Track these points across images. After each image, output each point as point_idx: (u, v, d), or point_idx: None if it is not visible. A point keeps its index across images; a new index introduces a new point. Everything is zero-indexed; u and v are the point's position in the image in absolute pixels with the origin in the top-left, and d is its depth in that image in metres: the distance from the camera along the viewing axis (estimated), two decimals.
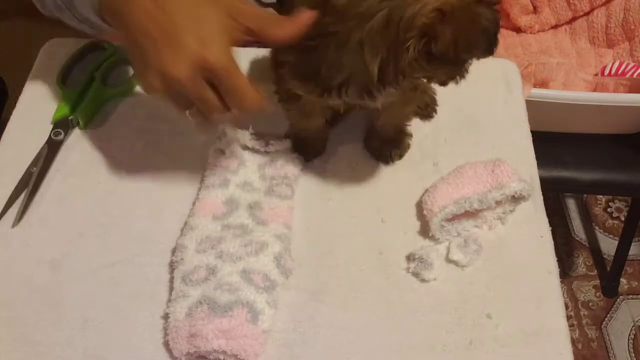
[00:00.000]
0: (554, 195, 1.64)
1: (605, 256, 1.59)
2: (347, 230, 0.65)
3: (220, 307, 0.55)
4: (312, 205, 0.67)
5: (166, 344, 0.56)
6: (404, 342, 0.57)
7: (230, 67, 0.52)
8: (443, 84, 0.56)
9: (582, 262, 1.59)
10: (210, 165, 0.67)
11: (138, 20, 0.51)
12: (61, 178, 0.68)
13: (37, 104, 0.75)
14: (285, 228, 0.63)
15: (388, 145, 0.70)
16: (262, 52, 0.76)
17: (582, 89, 1.15)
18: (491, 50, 0.51)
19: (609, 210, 1.67)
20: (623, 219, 1.63)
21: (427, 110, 0.74)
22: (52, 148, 0.70)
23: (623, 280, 1.55)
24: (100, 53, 0.78)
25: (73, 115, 0.72)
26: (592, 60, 1.29)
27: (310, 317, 0.59)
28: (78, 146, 0.71)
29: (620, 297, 1.53)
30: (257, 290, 0.57)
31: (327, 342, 0.57)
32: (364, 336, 0.58)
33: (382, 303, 0.60)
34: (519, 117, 0.75)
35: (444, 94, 0.76)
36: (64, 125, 0.72)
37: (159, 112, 0.73)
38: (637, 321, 1.49)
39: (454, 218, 0.63)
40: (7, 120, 0.73)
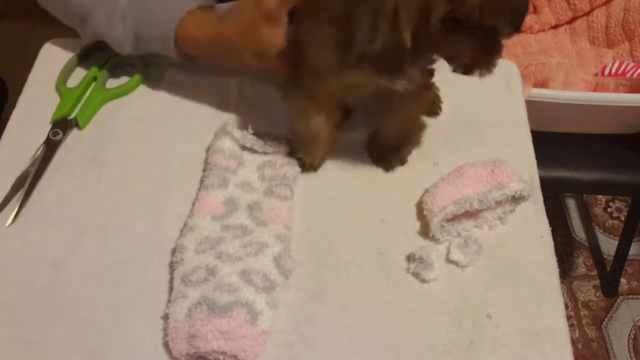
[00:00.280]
0: (554, 196, 1.64)
1: (605, 256, 1.59)
2: (347, 231, 0.65)
3: (219, 308, 0.54)
4: (312, 206, 0.67)
5: (166, 345, 0.56)
6: (404, 342, 0.57)
7: None
8: (468, 70, 0.54)
9: (582, 262, 1.59)
10: (209, 166, 0.67)
11: None
12: (61, 178, 0.68)
13: (37, 104, 0.75)
14: (284, 228, 0.63)
15: (389, 152, 0.70)
16: None
17: (582, 89, 1.15)
18: (517, 23, 0.50)
19: (609, 210, 1.67)
20: (623, 219, 1.62)
21: (432, 107, 0.74)
22: (50, 148, 0.70)
23: (623, 280, 1.55)
24: (101, 54, 0.77)
25: (72, 116, 0.73)
26: (592, 60, 1.28)
27: (310, 317, 0.59)
28: (78, 146, 0.71)
29: (620, 297, 1.53)
30: (256, 290, 0.57)
31: (327, 342, 0.57)
32: (363, 336, 0.58)
33: (382, 303, 0.60)
34: (519, 117, 0.75)
35: (444, 93, 0.76)
36: (62, 125, 0.72)
37: (159, 112, 0.73)
38: (637, 321, 1.49)
39: (454, 218, 0.63)
40: (7, 120, 0.73)
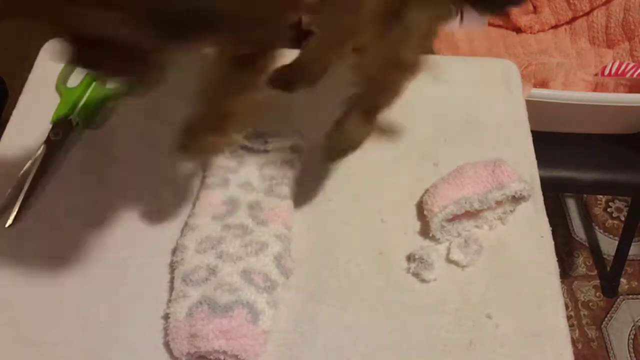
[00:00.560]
0: (554, 196, 1.64)
1: (605, 256, 1.59)
2: (347, 231, 0.65)
3: (220, 307, 0.54)
4: (312, 206, 0.67)
5: (166, 344, 0.56)
6: (404, 342, 0.57)
7: None
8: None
9: (582, 262, 1.59)
10: (209, 165, 0.67)
11: None
12: (61, 178, 0.68)
13: (37, 104, 0.75)
14: (284, 228, 0.62)
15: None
16: None
17: (582, 89, 1.15)
18: None
19: (609, 210, 1.67)
20: (623, 219, 1.63)
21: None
22: (50, 148, 0.70)
23: (623, 280, 1.55)
24: None
25: (73, 115, 0.73)
26: (592, 60, 1.29)
27: (310, 317, 0.59)
28: (78, 146, 0.71)
29: (620, 297, 1.53)
30: (257, 290, 0.56)
31: (327, 342, 0.57)
32: (364, 336, 0.58)
33: (382, 303, 0.60)
34: (519, 117, 0.75)
35: (444, 93, 0.76)
36: (63, 125, 0.72)
37: (159, 112, 0.73)
38: (637, 321, 1.49)
39: (454, 218, 0.63)
40: (7, 120, 0.73)
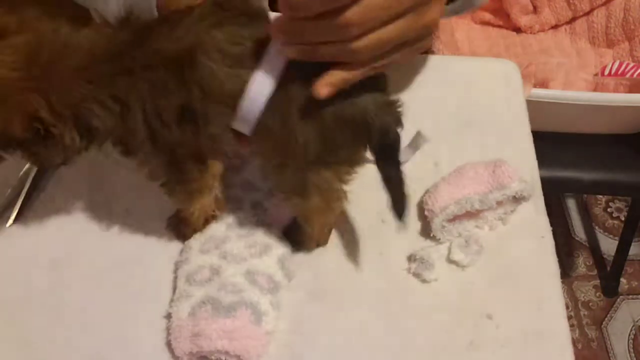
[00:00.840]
0: (554, 196, 1.65)
1: (605, 256, 1.59)
2: (347, 231, 0.65)
3: (224, 308, 0.54)
4: None
5: (168, 344, 0.56)
6: (404, 343, 0.57)
7: None
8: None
9: (582, 262, 1.59)
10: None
11: None
12: (62, 178, 0.68)
13: None
14: None
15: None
16: None
17: (582, 89, 1.15)
18: None
19: (609, 210, 1.68)
20: (623, 219, 1.63)
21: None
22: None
23: (623, 280, 1.55)
24: None
25: None
26: (592, 60, 1.29)
27: (310, 317, 0.59)
28: None
29: (620, 297, 1.53)
30: (261, 291, 0.57)
31: (328, 342, 0.57)
32: (364, 337, 0.58)
33: (382, 303, 0.60)
34: (519, 117, 0.75)
35: (444, 93, 0.76)
36: None
37: None
38: (637, 321, 1.49)
39: (454, 218, 0.63)
40: None
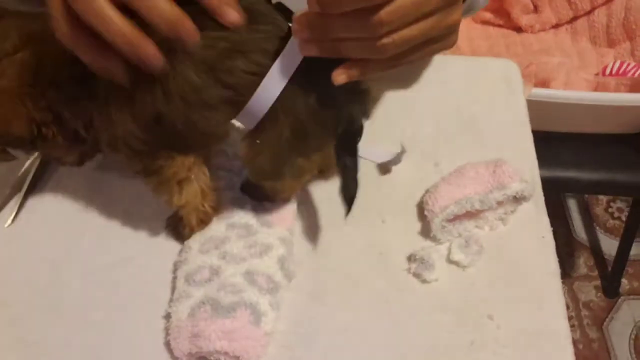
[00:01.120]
0: (554, 196, 1.64)
1: (606, 256, 1.59)
2: (347, 231, 0.65)
3: (223, 308, 0.54)
4: (313, 206, 0.67)
5: (167, 344, 0.56)
6: (404, 343, 0.57)
7: None
8: None
9: (583, 263, 1.59)
10: (213, 167, 0.66)
11: None
12: (61, 178, 0.68)
13: None
14: (288, 232, 0.62)
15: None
16: None
17: (583, 88, 1.15)
18: None
19: (609, 210, 1.67)
20: (624, 219, 1.63)
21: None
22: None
23: (624, 281, 1.55)
24: None
25: None
26: (593, 60, 1.29)
27: (310, 318, 0.59)
28: None
29: (621, 297, 1.53)
30: (260, 291, 0.56)
31: (328, 343, 0.57)
32: (364, 337, 0.58)
33: (382, 304, 0.60)
34: (520, 117, 0.75)
35: (444, 93, 0.76)
36: None
37: None
38: (638, 321, 1.49)
39: (455, 218, 0.63)
40: None
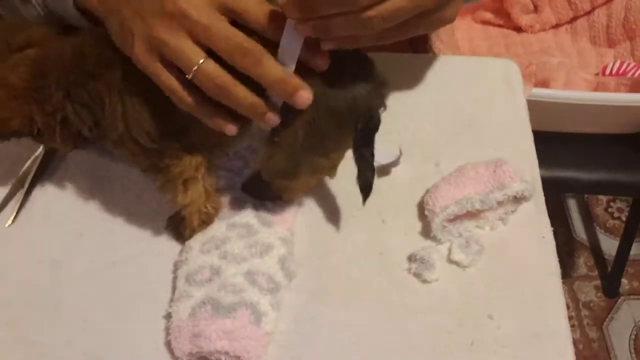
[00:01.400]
0: (554, 196, 1.64)
1: (606, 256, 1.59)
2: (347, 231, 0.65)
3: (224, 308, 0.54)
4: (312, 206, 0.66)
5: (167, 344, 0.56)
6: (405, 343, 0.57)
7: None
8: None
9: (583, 263, 1.59)
10: (213, 167, 0.66)
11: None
12: (61, 178, 0.68)
13: None
14: (289, 232, 0.62)
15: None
16: None
17: (583, 88, 1.15)
18: None
19: (609, 210, 1.67)
20: (624, 219, 1.63)
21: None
22: (50, 148, 0.70)
23: (624, 281, 1.55)
24: None
25: None
26: (593, 60, 1.28)
27: (311, 318, 0.59)
28: None
29: (621, 297, 1.53)
30: (261, 291, 0.56)
31: (328, 343, 0.57)
32: (365, 337, 0.58)
33: (383, 304, 0.60)
34: (520, 117, 0.75)
35: (444, 93, 0.76)
36: None
37: None
38: (638, 321, 1.49)
39: (455, 218, 0.63)
40: None
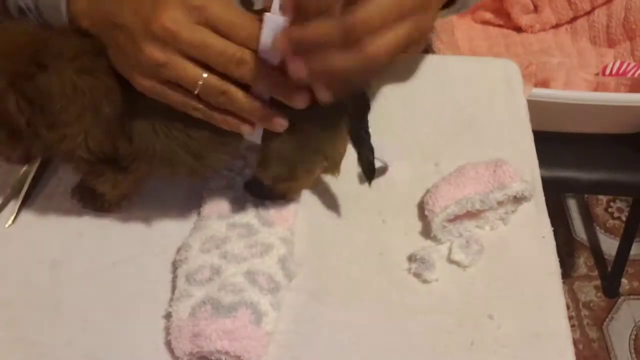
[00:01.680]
0: (554, 196, 1.64)
1: (606, 256, 1.59)
2: (347, 231, 0.65)
3: (224, 308, 0.54)
4: (313, 206, 0.66)
5: (167, 344, 0.56)
6: (405, 343, 0.57)
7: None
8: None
9: (583, 263, 1.59)
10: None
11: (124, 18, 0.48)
12: (61, 178, 0.68)
13: None
14: (289, 232, 0.62)
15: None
16: None
17: (583, 88, 1.15)
18: None
19: (609, 210, 1.67)
20: (624, 219, 1.62)
21: None
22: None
23: (624, 281, 1.55)
24: None
25: None
26: (593, 60, 1.28)
27: (311, 318, 0.59)
28: None
29: (621, 297, 1.53)
30: (261, 291, 0.56)
31: (328, 343, 0.57)
32: (365, 337, 0.58)
33: (383, 304, 0.60)
34: (520, 117, 0.75)
35: (444, 93, 0.76)
36: None
37: None
38: (638, 321, 1.49)
39: (455, 218, 0.63)
40: None
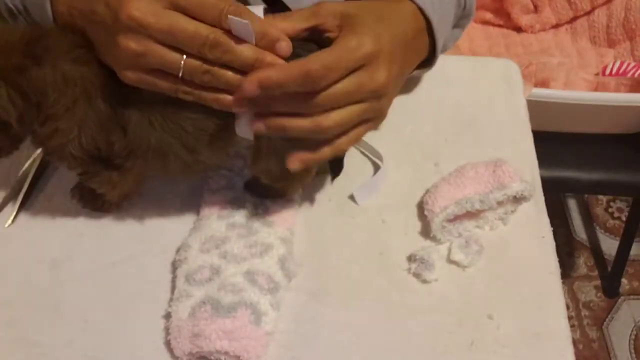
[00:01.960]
0: (554, 196, 1.64)
1: (606, 256, 1.59)
2: (347, 231, 0.65)
3: (224, 308, 0.54)
4: (313, 206, 0.66)
5: (167, 344, 0.56)
6: (405, 343, 0.57)
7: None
8: None
9: (583, 263, 1.59)
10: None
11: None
12: (61, 178, 0.68)
13: None
14: (289, 232, 0.62)
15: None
16: None
17: (583, 88, 1.15)
18: None
19: (609, 210, 1.67)
20: (624, 219, 1.62)
21: None
22: None
23: (624, 281, 1.55)
24: None
25: None
26: (593, 60, 1.28)
27: (311, 318, 0.59)
28: None
29: (621, 297, 1.53)
30: (261, 291, 0.56)
31: (328, 343, 0.57)
32: (364, 337, 0.58)
33: (382, 304, 0.60)
34: (520, 117, 0.75)
35: (444, 93, 0.76)
36: None
37: None
38: (638, 321, 1.49)
39: (455, 218, 0.63)
40: None
